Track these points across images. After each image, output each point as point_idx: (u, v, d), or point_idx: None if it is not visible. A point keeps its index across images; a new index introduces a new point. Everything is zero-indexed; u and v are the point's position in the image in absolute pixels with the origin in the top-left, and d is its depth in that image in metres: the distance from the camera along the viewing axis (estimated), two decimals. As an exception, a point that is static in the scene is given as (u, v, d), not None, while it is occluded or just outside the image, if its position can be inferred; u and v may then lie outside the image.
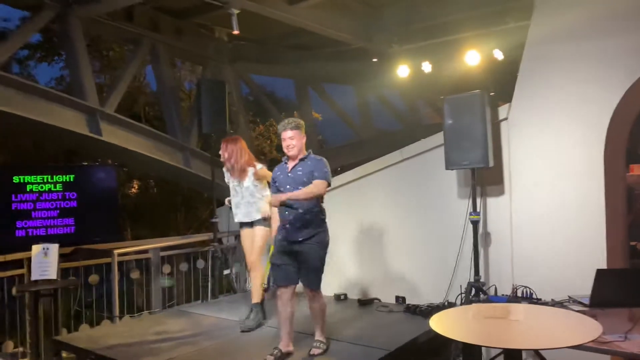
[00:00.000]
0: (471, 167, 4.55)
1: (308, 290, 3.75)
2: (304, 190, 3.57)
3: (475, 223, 4.60)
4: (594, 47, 4.26)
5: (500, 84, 6.80)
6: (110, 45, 13.97)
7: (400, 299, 5.11)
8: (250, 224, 4.62)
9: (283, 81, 14.21)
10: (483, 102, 4.47)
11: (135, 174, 15.57)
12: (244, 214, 4.60)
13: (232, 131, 9.80)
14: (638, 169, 4.45)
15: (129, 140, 8.56)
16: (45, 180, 4.86)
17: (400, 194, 5.40)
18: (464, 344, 3.70)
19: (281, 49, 11.09)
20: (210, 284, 5.84)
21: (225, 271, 5.77)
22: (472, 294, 4.45)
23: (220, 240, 6.15)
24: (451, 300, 4.71)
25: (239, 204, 4.61)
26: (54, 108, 7.63)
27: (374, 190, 5.60)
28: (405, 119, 13.36)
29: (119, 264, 5.51)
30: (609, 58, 4.20)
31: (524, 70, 4.66)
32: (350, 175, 5.82)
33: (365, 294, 5.40)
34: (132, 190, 16.61)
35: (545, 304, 3.77)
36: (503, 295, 4.31)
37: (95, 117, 8.03)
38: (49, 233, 4.85)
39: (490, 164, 4.48)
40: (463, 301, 4.49)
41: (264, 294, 4.70)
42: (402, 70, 8.62)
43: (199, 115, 6.55)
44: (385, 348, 3.81)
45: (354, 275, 5.57)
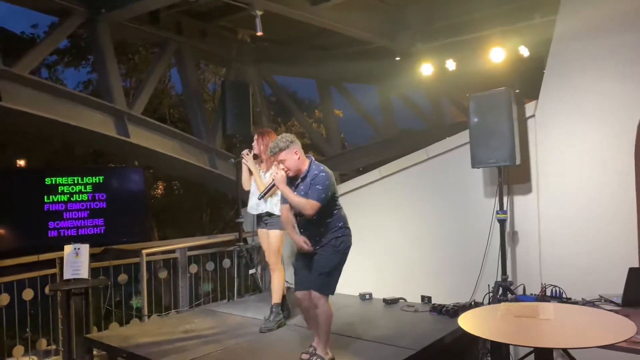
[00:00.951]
0: (498, 165, 4.51)
1: (311, 293, 3.55)
2: (300, 200, 3.46)
3: (502, 222, 4.55)
4: (623, 43, 4.18)
5: (527, 81, 6.69)
6: (136, 49, 14.19)
7: (426, 299, 5.08)
8: (265, 224, 4.69)
9: (305, 82, 14.24)
10: (509, 100, 4.43)
11: (161, 175, 15.78)
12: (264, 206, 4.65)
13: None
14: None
15: (156, 142, 8.68)
16: (76, 181, 4.96)
17: (425, 193, 5.38)
18: (492, 344, 3.69)
19: (304, 49, 11.11)
20: (236, 283, 5.91)
21: (251, 270, 5.82)
22: (500, 294, 4.42)
23: (245, 240, 6.20)
24: (478, 300, 4.67)
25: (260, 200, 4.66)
26: (82, 111, 7.79)
27: (399, 190, 5.58)
28: (428, 118, 13.23)
29: (147, 263, 5.61)
30: (639, 54, 4.10)
31: (550, 67, 4.60)
32: (374, 174, 5.82)
33: (391, 293, 5.39)
34: (158, 191, 16.84)
35: (575, 303, 3.73)
36: (531, 294, 4.27)
37: (122, 120, 8.17)
38: (79, 233, 4.95)
39: (517, 161, 4.43)
40: (490, 301, 4.46)
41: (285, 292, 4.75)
42: (426, 69, 8.55)
43: (223, 116, 6.61)
44: (411, 348, 3.79)
45: (378, 275, 5.56)
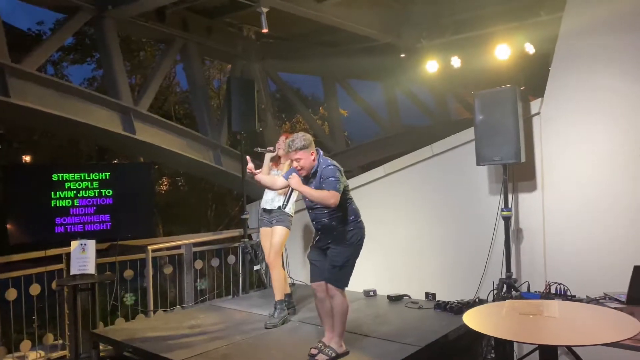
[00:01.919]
0: (503, 163, 4.50)
1: (326, 285, 3.62)
2: (321, 194, 3.46)
3: (507, 219, 4.56)
4: (629, 41, 4.16)
5: (532, 78, 6.67)
6: (142, 46, 14.23)
7: (430, 296, 5.08)
8: (270, 222, 4.72)
9: (309, 78, 14.27)
10: (514, 97, 4.42)
11: (166, 171, 15.85)
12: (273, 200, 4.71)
13: (261, 129, 9.92)
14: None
15: (162, 138, 8.73)
16: (83, 177, 4.97)
17: (430, 190, 5.38)
18: (497, 341, 3.70)
19: (309, 46, 11.12)
20: (240, 279, 5.94)
21: (256, 266, 5.85)
22: (504, 291, 4.42)
23: (250, 236, 6.24)
24: (482, 297, 4.67)
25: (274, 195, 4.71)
26: (89, 107, 7.84)
27: (404, 187, 5.59)
28: (433, 115, 13.21)
29: (152, 259, 5.64)
30: (646, 52, 4.10)
31: (556, 64, 4.58)
32: (379, 171, 5.83)
33: (395, 290, 5.40)
34: (163, 187, 16.91)
35: (580, 300, 3.73)
36: (536, 292, 4.28)
37: (129, 116, 8.22)
38: (86, 229, 4.98)
39: (522, 159, 4.43)
40: (495, 298, 4.46)
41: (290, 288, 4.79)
42: (431, 66, 8.53)
43: (228, 113, 6.62)
44: (415, 344, 3.80)
45: (383, 271, 5.57)
